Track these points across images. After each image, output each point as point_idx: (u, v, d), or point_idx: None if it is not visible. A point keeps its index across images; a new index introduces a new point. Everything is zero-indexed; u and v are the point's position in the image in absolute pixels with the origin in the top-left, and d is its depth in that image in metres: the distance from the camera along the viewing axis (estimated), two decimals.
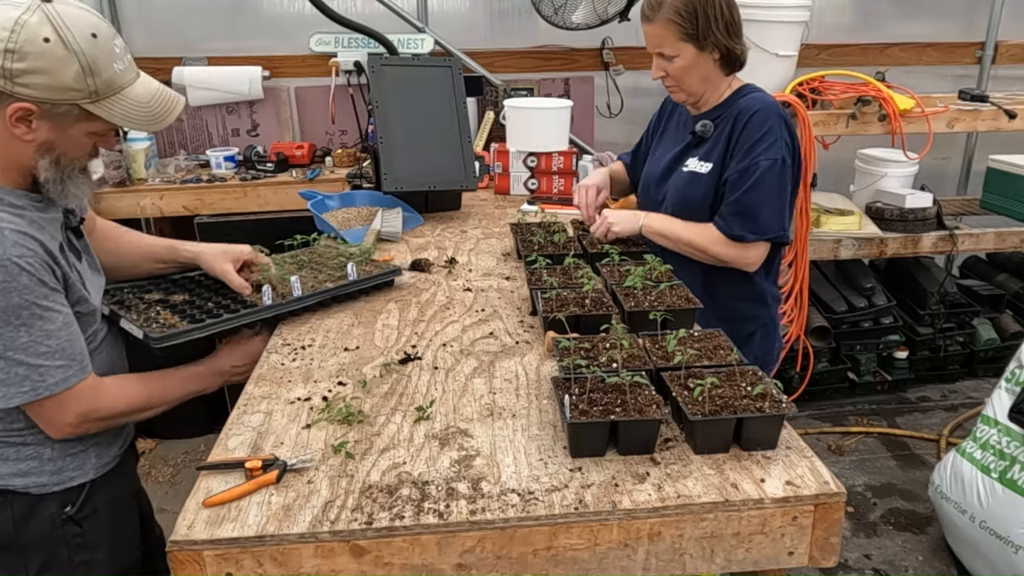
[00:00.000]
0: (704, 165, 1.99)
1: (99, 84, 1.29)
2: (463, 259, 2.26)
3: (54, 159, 1.34)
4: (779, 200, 1.91)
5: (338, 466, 1.25)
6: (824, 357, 3.76)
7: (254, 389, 1.50)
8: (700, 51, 1.90)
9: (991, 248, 3.67)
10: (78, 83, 1.26)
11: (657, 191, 2.13)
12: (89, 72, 1.27)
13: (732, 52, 1.92)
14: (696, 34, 1.87)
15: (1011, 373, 2.62)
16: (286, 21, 3.70)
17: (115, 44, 1.31)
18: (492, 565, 1.14)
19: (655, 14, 1.89)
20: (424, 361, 1.61)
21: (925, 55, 4.10)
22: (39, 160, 1.33)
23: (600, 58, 3.85)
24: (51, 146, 1.33)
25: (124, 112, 1.33)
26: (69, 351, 1.36)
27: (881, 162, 3.66)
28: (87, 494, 1.51)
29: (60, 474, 1.47)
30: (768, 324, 2.13)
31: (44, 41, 1.23)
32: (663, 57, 1.93)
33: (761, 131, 1.88)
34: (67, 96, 1.27)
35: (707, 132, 1.99)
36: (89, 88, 1.28)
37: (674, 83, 1.97)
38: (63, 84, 1.26)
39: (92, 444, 1.51)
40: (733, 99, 1.99)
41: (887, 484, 3.20)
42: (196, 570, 1.10)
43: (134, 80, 1.35)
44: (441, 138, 2.65)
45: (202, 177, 3.35)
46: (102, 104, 1.31)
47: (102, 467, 1.54)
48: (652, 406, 1.27)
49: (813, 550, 1.20)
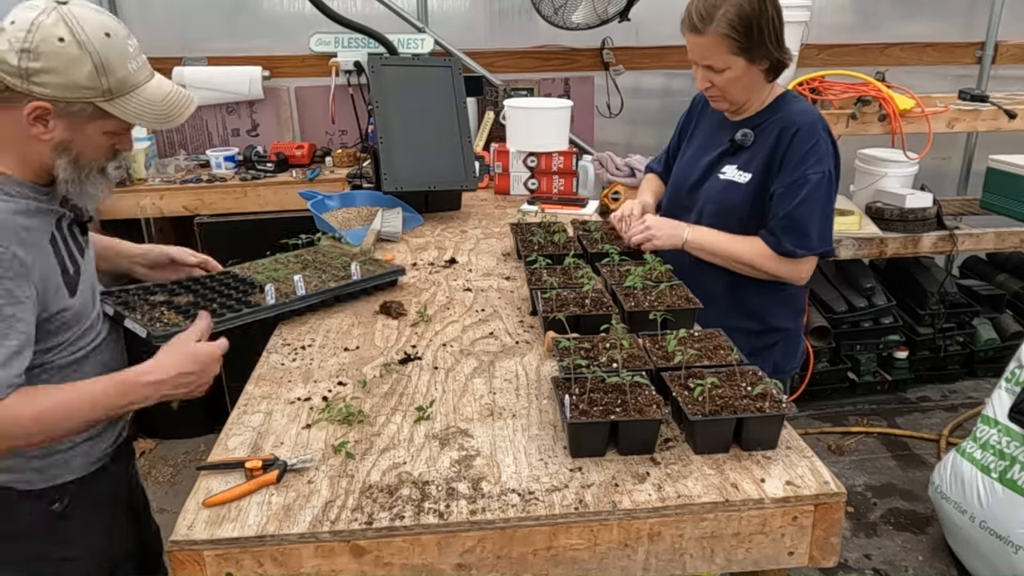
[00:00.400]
0: (743, 175, 1.94)
1: (112, 83, 1.31)
2: (463, 259, 2.26)
3: (72, 159, 1.36)
4: (826, 214, 1.88)
5: (338, 466, 1.25)
6: (824, 357, 3.76)
7: (254, 389, 1.50)
8: (750, 64, 1.84)
9: (991, 248, 3.66)
10: (92, 81, 1.29)
11: (690, 197, 2.07)
12: (102, 71, 1.29)
13: (780, 62, 1.89)
14: (749, 47, 1.81)
15: (1011, 373, 2.62)
16: (286, 21, 3.70)
17: (129, 44, 1.34)
18: (492, 565, 1.14)
19: (706, 27, 1.80)
20: (424, 361, 1.61)
21: (925, 55, 4.10)
22: (57, 159, 1.35)
23: (600, 58, 3.85)
24: (68, 145, 1.35)
25: (137, 110, 1.35)
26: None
27: (881, 162, 3.66)
28: (73, 492, 1.50)
29: (45, 472, 1.46)
30: (792, 333, 2.12)
31: (59, 41, 1.26)
32: (711, 70, 1.86)
33: (809, 144, 1.85)
34: (81, 94, 1.29)
35: (747, 141, 1.95)
36: (103, 86, 1.30)
37: (719, 93, 1.91)
38: (77, 83, 1.28)
39: (82, 442, 1.50)
40: (775, 107, 1.95)
41: (887, 484, 3.20)
42: (196, 570, 1.10)
43: (148, 79, 1.38)
44: (441, 138, 2.66)
45: (202, 177, 3.35)
46: (116, 102, 1.33)
47: (89, 465, 1.53)
48: (652, 406, 1.27)
49: (813, 550, 1.20)
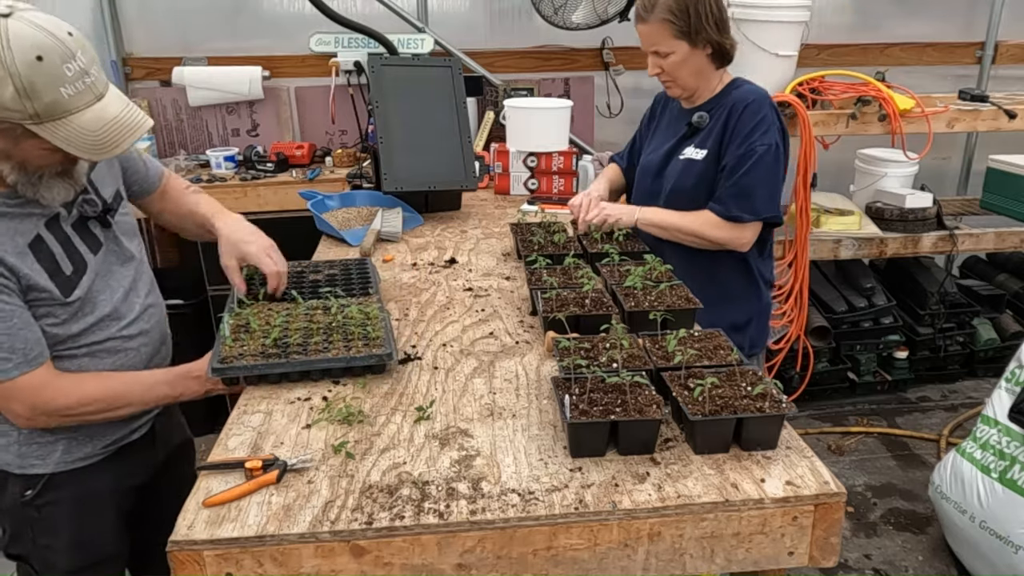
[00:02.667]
0: (699, 152, 2.08)
1: (39, 107, 1.24)
2: (463, 259, 2.26)
3: (16, 165, 1.34)
4: (773, 183, 2.02)
5: (338, 466, 1.25)
6: (824, 357, 3.76)
7: (254, 389, 1.50)
8: (693, 47, 1.99)
9: (991, 248, 3.67)
10: (15, 104, 1.23)
11: (654, 183, 2.20)
12: (25, 94, 1.23)
13: (722, 47, 2.02)
14: (688, 31, 1.97)
15: (1011, 373, 2.62)
16: (286, 21, 3.70)
17: (66, 68, 1.25)
18: (492, 565, 1.14)
19: (649, 15, 1.99)
20: (424, 361, 1.61)
21: (925, 55, 4.10)
22: (1, 165, 1.34)
23: (600, 58, 3.85)
24: (8, 155, 1.33)
25: (67, 137, 1.28)
26: (7, 344, 1.37)
27: (881, 162, 3.66)
28: (46, 485, 1.55)
29: (22, 459, 1.53)
30: (763, 308, 2.23)
31: None
32: (658, 55, 2.03)
33: (756, 119, 2.00)
34: (7, 115, 1.25)
35: (703, 123, 2.08)
36: (28, 110, 1.24)
37: (669, 79, 2.07)
38: (1, 103, 1.23)
39: (62, 438, 1.54)
40: (726, 92, 2.09)
41: (887, 484, 3.20)
42: (196, 570, 1.10)
43: (88, 105, 1.29)
44: (441, 138, 2.65)
45: (202, 177, 3.35)
46: (45, 127, 1.26)
47: (69, 463, 1.56)
48: (652, 406, 1.27)
49: (813, 550, 1.20)
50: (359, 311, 1.67)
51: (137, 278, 1.62)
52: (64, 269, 1.46)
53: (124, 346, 1.57)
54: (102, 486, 1.61)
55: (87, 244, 1.52)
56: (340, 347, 1.54)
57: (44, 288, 1.41)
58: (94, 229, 1.54)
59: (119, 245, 1.60)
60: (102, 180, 1.59)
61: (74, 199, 1.48)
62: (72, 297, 1.46)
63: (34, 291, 1.41)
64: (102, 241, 1.55)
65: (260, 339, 1.56)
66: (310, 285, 1.88)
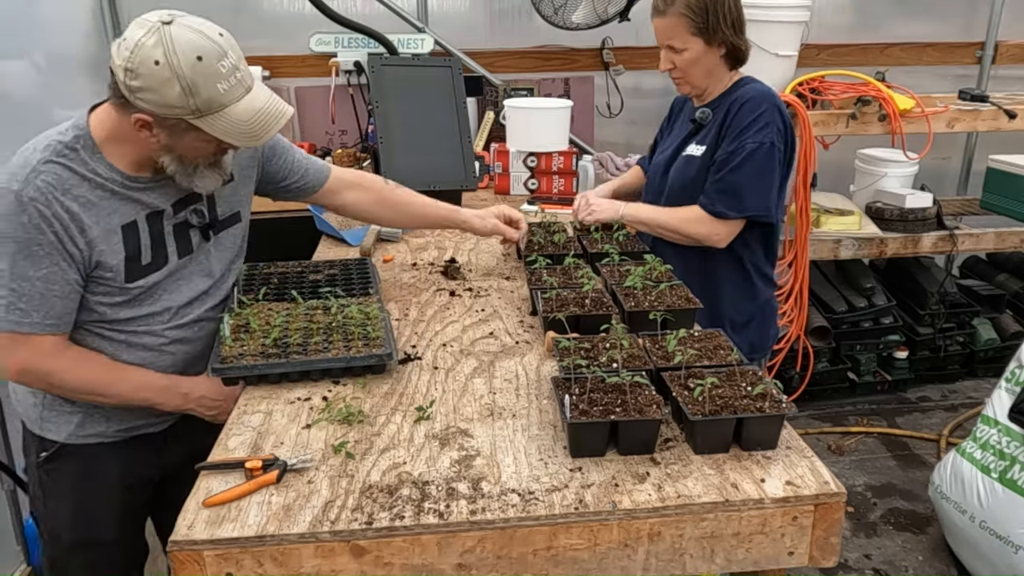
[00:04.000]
0: (699, 148, 2.07)
1: (200, 103, 1.38)
2: (463, 259, 2.26)
3: (176, 157, 1.49)
4: (763, 181, 1.98)
5: (338, 466, 1.25)
6: (824, 357, 3.76)
7: (254, 389, 1.50)
8: (708, 46, 1.98)
9: (991, 248, 3.67)
10: (180, 101, 1.37)
11: (660, 181, 2.19)
12: (189, 92, 1.36)
13: (737, 48, 2.01)
14: (706, 28, 1.95)
15: (1011, 373, 2.62)
16: (286, 21, 3.70)
17: (221, 65, 1.38)
18: (492, 565, 1.14)
19: (668, 8, 1.97)
20: (424, 361, 1.61)
21: (925, 55, 4.10)
22: (163, 157, 1.48)
23: (600, 58, 3.85)
24: (172, 148, 1.47)
25: (224, 128, 1.42)
26: (36, 302, 1.44)
27: (881, 162, 3.66)
28: (57, 452, 1.64)
29: (42, 422, 1.63)
30: (762, 308, 2.20)
31: (154, 64, 1.34)
32: (672, 50, 2.01)
33: (752, 116, 1.97)
34: (173, 112, 1.38)
35: (706, 119, 2.07)
36: (191, 106, 1.37)
37: (680, 75, 2.06)
38: (168, 102, 1.37)
39: (79, 412, 1.61)
40: (732, 89, 2.07)
41: (887, 484, 3.20)
42: (196, 570, 1.10)
43: (239, 98, 1.42)
44: (441, 138, 2.66)
45: None
46: (205, 120, 1.40)
47: (80, 437, 1.63)
48: (652, 406, 1.27)
49: (813, 550, 1.20)
50: (359, 311, 1.67)
51: (210, 294, 1.68)
52: (143, 258, 1.55)
53: (162, 347, 1.61)
54: (108, 468, 1.66)
55: (178, 246, 1.61)
56: (340, 347, 1.54)
57: (112, 268, 1.50)
58: (192, 236, 1.64)
59: (208, 259, 1.68)
60: (225, 198, 1.70)
61: (186, 201, 1.61)
62: (133, 284, 1.54)
63: (101, 268, 1.50)
64: (194, 249, 1.65)
65: (260, 339, 1.56)
66: (310, 285, 1.88)
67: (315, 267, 2.02)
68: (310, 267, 2.02)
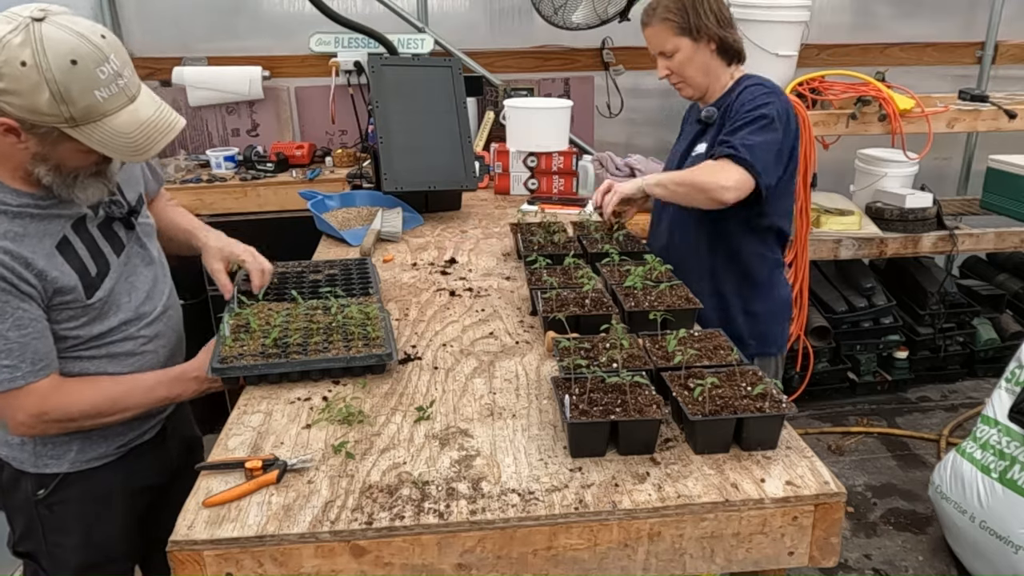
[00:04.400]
0: (705, 146, 2.09)
1: (75, 111, 1.25)
2: (463, 259, 2.26)
3: (51, 167, 1.35)
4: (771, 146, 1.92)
5: (338, 466, 1.25)
6: (824, 357, 3.76)
7: (254, 389, 1.50)
8: (696, 43, 2.03)
9: (991, 248, 3.67)
10: (51, 109, 1.24)
11: None
12: (61, 99, 1.23)
13: (725, 41, 2.04)
14: (689, 27, 2.01)
15: (1011, 373, 2.62)
16: (286, 21, 3.70)
17: (99, 71, 1.26)
18: (492, 565, 1.14)
19: (651, 17, 2.06)
20: (424, 361, 1.61)
21: (925, 55, 4.10)
22: (37, 167, 1.35)
23: (600, 58, 3.85)
24: (45, 157, 1.33)
25: (103, 140, 1.30)
26: (18, 353, 1.36)
27: (881, 162, 3.66)
28: (59, 484, 1.56)
29: (37, 458, 1.54)
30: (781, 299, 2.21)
31: (21, 65, 1.21)
32: (664, 56, 2.07)
33: (751, 96, 1.98)
34: (43, 119, 1.26)
35: (712, 117, 2.09)
36: (63, 115, 1.25)
37: (679, 79, 2.09)
38: (37, 108, 1.24)
39: (76, 439, 1.54)
40: (736, 87, 2.08)
41: (887, 484, 3.20)
42: (196, 570, 1.10)
43: (122, 107, 1.30)
44: (441, 138, 2.65)
45: (202, 177, 3.35)
46: (80, 130, 1.28)
47: (83, 463, 1.57)
48: (652, 406, 1.27)
49: (813, 550, 1.20)
50: (359, 311, 1.67)
51: (157, 280, 1.64)
52: (89, 270, 1.47)
53: (143, 348, 1.58)
54: (114, 486, 1.62)
55: (111, 245, 1.53)
56: (340, 347, 1.54)
57: (72, 289, 1.41)
58: (118, 231, 1.55)
59: (142, 247, 1.61)
60: (127, 182, 1.61)
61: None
62: (94, 299, 1.46)
63: (60, 294, 1.41)
64: (125, 243, 1.56)
65: (260, 339, 1.56)
66: (310, 285, 1.88)
67: (315, 267, 2.02)
68: (310, 267, 2.02)
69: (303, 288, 1.85)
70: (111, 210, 1.52)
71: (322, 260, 2.14)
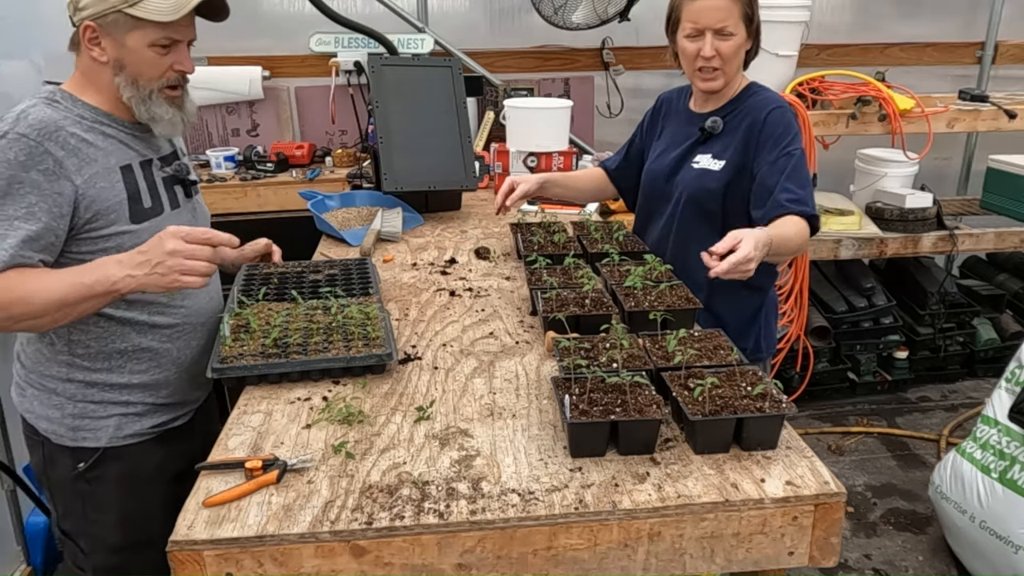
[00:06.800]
0: (717, 162, 1.99)
1: None
2: (463, 259, 2.26)
3: (129, 77, 1.52)
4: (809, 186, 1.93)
5: (338, 466, 1.25)
6: (824, 357, 3.76)
7: (254, 389, 1.50)
8: (747, 36, 1.95)
9: (991, 248, 3.67)
10: None
11: (667, 187, 2.11)
12: None
13: (756, 45, 1.99)
14: (751, 17, 1.92)
15: (1011, 373, 2.62)
16: (286, 21, 3.70)
17: None
18: (492, 565, 1.14)
19: None
20: (424, 361, 1.61)
21: (925, 55, 4.10)
22: (116, 78, 1.51)
23: (600, 58, 3.85)
24: (121, 63, 1.51)
25: (156, 6, 1.47)
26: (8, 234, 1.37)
27: (881, 162, 3.66)
28: (99, 459, 1.61)
29: (75, 432, 1.60)
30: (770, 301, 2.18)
31: None
32: (721, 34, 1.89)
33: (782, 125, 1.93)
34: (108, 5, 1.45)
35: (717, 128, 2.01)
36: None
37: (721, 64, 1.93)
38: None
39: (116, 414, 1.60)
40: (743, 96, 2.02)
41: (887, 484, 3.20)
42: (196, 570, 1.10)
43: None
44: (441, 138, 2.66)
45: (202, 177, 3.35)
46: (138, 6, 1.46)
47: (121, 439, 1.62)
48: (652, 406, 1.27)
49: (813, 550, 1.20)
50: (359, 311, 1.67)
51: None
52: (143, 201, 1.56)
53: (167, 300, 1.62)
54: (150, 466, 1.66)
55: (169, 198, 1.64)
56: (340, 347, 1.54)
57: (115, 207, 1.50)
58: (178, 192, 1.68)
59: (194, 219, 1.71)
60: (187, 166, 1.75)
61: (168, 159, 1.66)
62: (140, 226, 1.53)
63: (103, 216, 1.48)
64: (180, 204, 1.68)
65: (260, 339, 1.56)
66: (310, 285, 1.88)
67: (315, 267, 2.02)
68: (310, 267, 2.02)
69: (303, 288, 1.85)
70: (179, 168, 1.67)
71: (322, 260, 2.14)
